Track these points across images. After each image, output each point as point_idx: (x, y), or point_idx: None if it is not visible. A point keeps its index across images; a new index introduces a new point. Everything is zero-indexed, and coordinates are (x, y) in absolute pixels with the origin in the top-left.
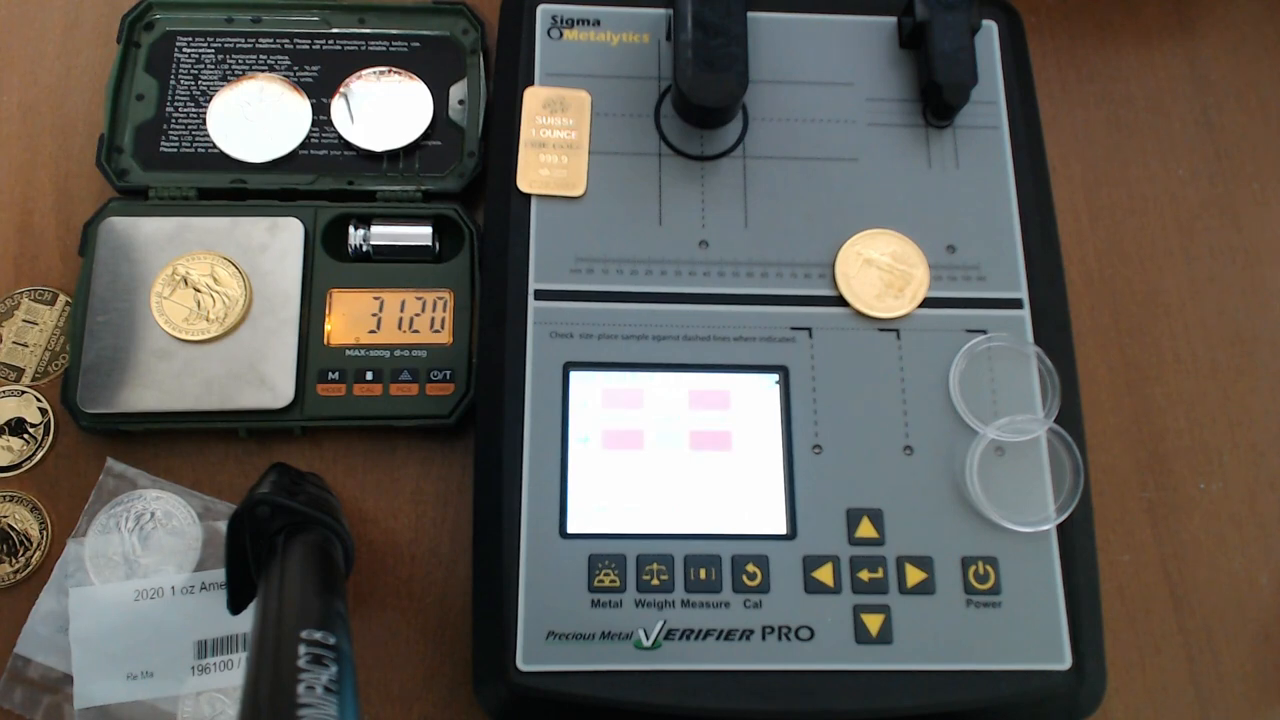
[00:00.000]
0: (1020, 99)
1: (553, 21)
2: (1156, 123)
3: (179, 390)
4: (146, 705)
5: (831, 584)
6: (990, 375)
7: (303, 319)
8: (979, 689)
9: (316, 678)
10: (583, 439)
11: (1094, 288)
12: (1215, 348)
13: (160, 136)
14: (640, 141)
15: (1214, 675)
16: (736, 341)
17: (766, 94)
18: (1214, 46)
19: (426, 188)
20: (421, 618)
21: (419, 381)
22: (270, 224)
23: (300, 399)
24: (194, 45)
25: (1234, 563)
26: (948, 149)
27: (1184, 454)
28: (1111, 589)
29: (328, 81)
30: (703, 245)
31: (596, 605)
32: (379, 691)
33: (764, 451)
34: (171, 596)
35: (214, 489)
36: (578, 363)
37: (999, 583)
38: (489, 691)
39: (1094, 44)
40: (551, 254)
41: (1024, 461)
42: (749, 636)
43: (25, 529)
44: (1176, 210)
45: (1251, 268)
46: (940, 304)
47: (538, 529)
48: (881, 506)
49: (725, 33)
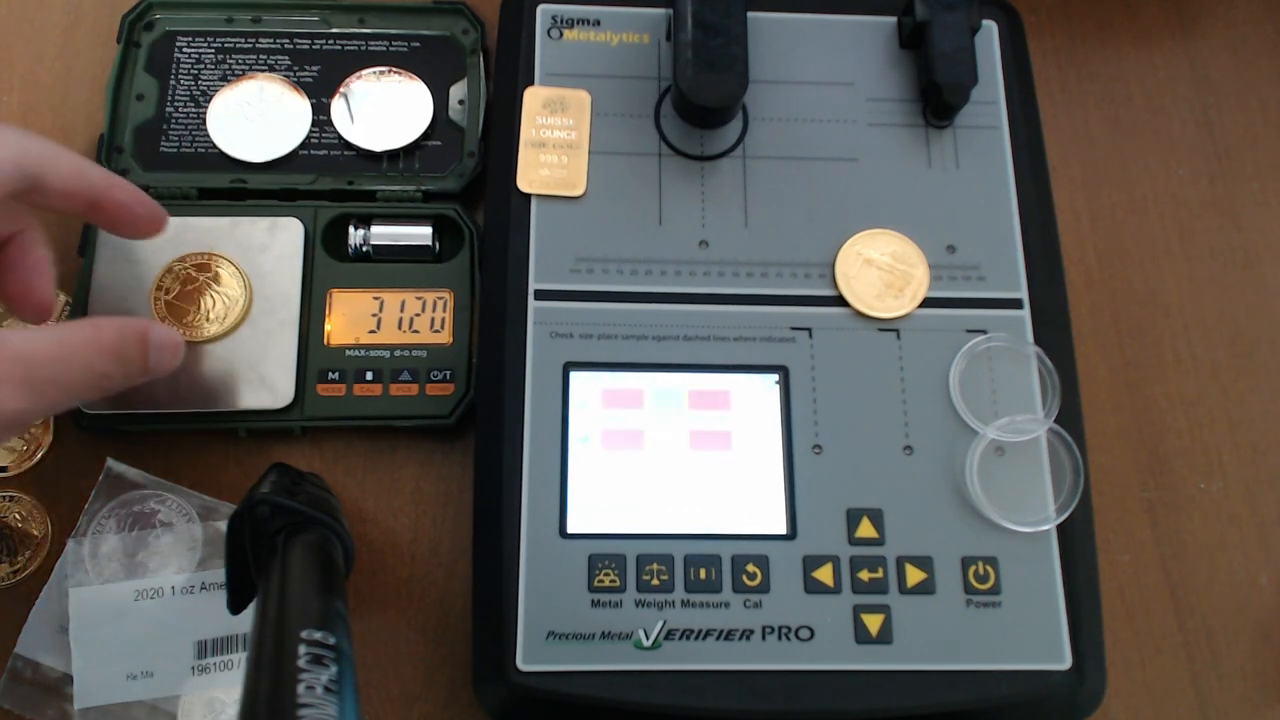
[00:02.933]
0: (1020, 99)
1: (553, 21)
2: (1156, 123)
3: (179, 390)
4: (146, 705)
5: (831, 584)
6: (990, 375)
7: (303, 319)
8: (979, 689)
9: (316, 678)
10: (583, 439)
11: (1094, 288)
12: (1215, 348)
13: (160, 136)
14: (640, 141)
15: (1214, 675)
16: (736, 341)
17: (766, 94)
18: (1214, 46)
19: (426, 188)
20: (421, 618)
21: (419, 381)
22: (270, 224)
23: (300, 399)
24: (194, 45)
25: (1234, 563)
26: (948, 149)
27: (1184, 454)
28: (1111, 589)
29: (328, 81)
30: (703, 245)
31: (596, 605)
32: (379, 691)
33: (764, 451)
34: (171, 596)
35: (214, 489)
36: (578, 363)
37: (999, 583)
38: (489, 691)
39: (1094, 44)
40: (551, 254)
41: (1024, 461)
42: (749, 636)
43: (25, 529)
44: (1176, 210)
45: (1251, 268)
46: (940, 304)
47: (538, 529)
48: (881, 506)
49: (725, 33)
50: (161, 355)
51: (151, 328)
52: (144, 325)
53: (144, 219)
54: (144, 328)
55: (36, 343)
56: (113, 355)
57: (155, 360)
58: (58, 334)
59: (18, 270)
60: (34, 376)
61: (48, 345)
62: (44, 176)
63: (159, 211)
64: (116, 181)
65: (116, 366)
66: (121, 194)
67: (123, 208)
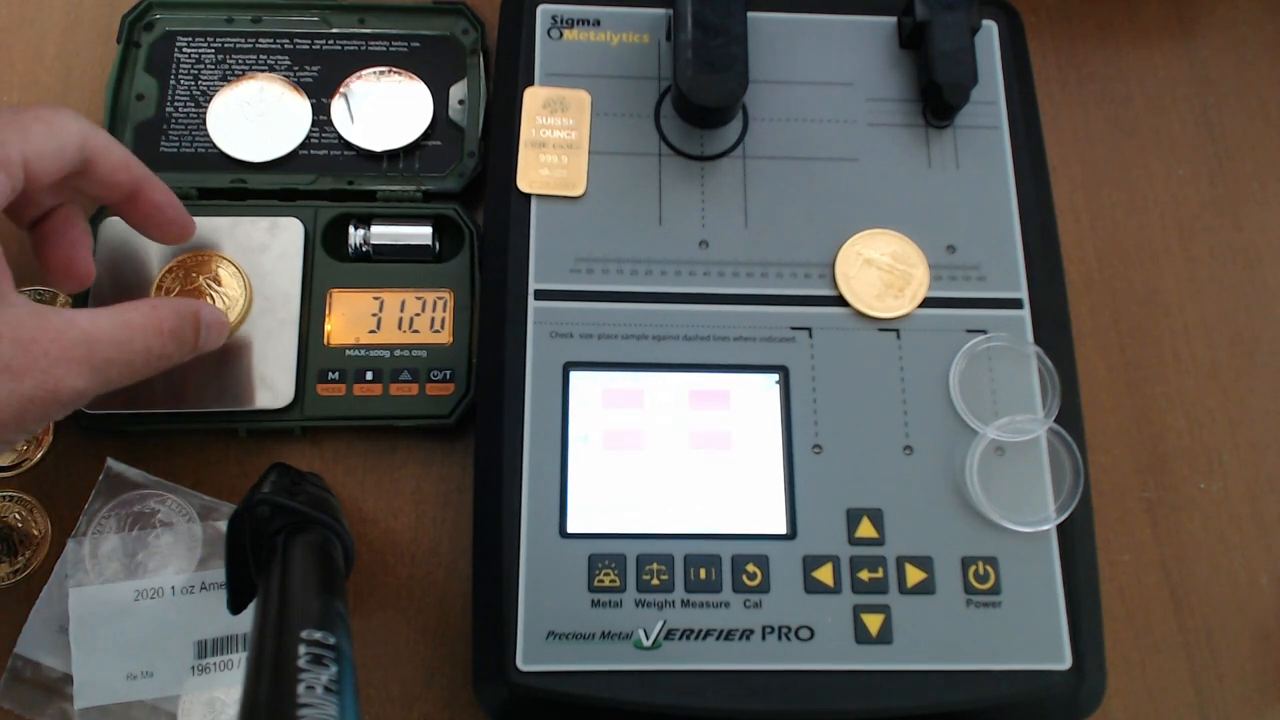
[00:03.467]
0: (1020, 99)
1: (553, 21)
2: (1156, 123)
3: (179, 390)
4: (146, 705)
5: (831, 584)
6: (990, 375)
7: (303, 319)
8: (979, 689)
9: (316, 678)
10: (583, 439)
11: (1094, 288)
12: (1215, 348)
13: (160, 136)
14: (640, 141)
15: (1214, 675)
16: (736, 341)
17: (766, 94)
18: (1214, 46)
19: (426, 188)
20: (421, 618)
21: (419, 381)
22: (270, 224)
23: (300, 399)
24: (194, 45)
25: (1234, 563)
26: (948, 149)
27: (1184, 454)
28: (1111, 589)
29: (328, 81)
30: (703, 245)
31: (596, 605)
32: (379, 691)
33: (764, 451)
34: (171, 596)
35: (214, 489)
36: (578, 363)
37: (999, 583)
38: (489, 691)
39: (1094, 44)
40: (551, 254)
41: (1024, 461)
42: (749, 636)
43: (25, 529)
44: (1176, 210)
45: (1251, 268)
46: (940, 304)
47: (538, 529)
48: (881, 506)
49: (725, 33)
50: (210, 334)
51: (202, 308)
52: (196, 305)
53: (172, 223)
54: (196, 308)
55: (99, 324)
56: (171, 336)
57: (205, 339)
58: (121, 315)
59: (62, 241)
60: (96, 356)
61: (110, 327)
62: (97, 161)
63: (188, 219)
64: (158, 182)
65: (175, 347)
66: (159, 194)
67: (156, 207)
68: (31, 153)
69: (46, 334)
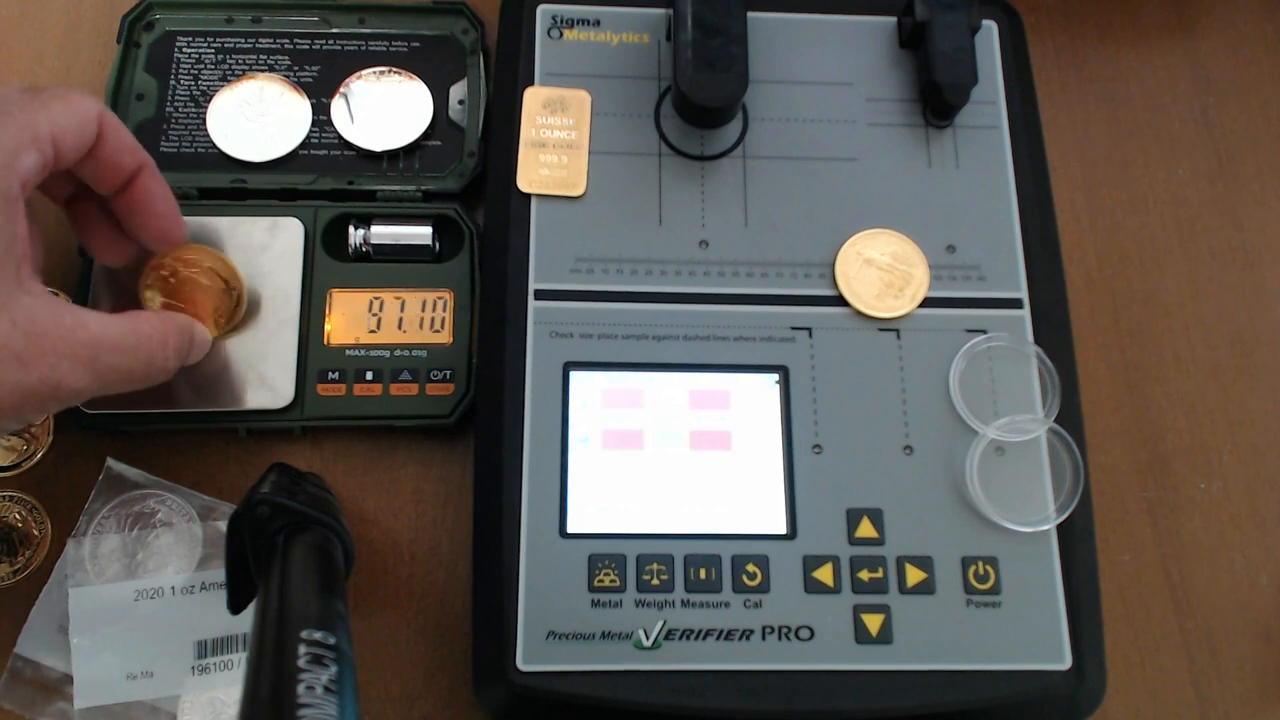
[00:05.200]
0: (1020, 99)
1: (553, 21)
2: (1156, 123)
3: (179, 390)
4: (146, 705)
5: (831, 584)
6: (990, 375)
7: (303, 319)
8: (979, 689)
9: (316, 678)
10: (583, 439)
11: (1094, 288)
12: (1215, 348)
13: (160, 136)
14: (640, 141)
15: (1214, 675)
16: (736, 341)
17: (766, 94)
18: (1214, 46)
19: (426, 188)
20: (421, 618)
21: (419, 381)
22: (270, 224)
23: (300, 399)
24: (194, 45)
25: (1234, 563)
26: (948, 149)
27: (1184, 454)
28: (1111, 589)
29: (328, 81)
30: (703, 245)
31: (596, 605)
32: (379, 691)
33: (764, 451)
34: (171, 596)
35: (214, 489)
36: (578, 363)
37: (999, 583)
38: (489, 691)
39: (1094, 44)
40: (551, 254)
41: (1024, 461)
42: (749, 636)
43: (25, 529)
44: (1176, 210)
45: (1251, 268)
46: (940, 304)
47: (538, 529)
48: (881, 506)
49: (725, 33)
50: (195, 351)
51: (196, 325)
52: (193, 323)
53: (163, 215)
54: (194, 325)
55: (109, 329)
56: (175, 350)
57: (191, 356)
58: (132, 324)
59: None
60: (99, 360)
61: (120, 335)
62: (106, 139)
63: (178, 218)
64: (156, 172)
65: (175, 362)
66: (156, 184)
67: (150, 197)
68: (57, 130)
69: (59, 330)
